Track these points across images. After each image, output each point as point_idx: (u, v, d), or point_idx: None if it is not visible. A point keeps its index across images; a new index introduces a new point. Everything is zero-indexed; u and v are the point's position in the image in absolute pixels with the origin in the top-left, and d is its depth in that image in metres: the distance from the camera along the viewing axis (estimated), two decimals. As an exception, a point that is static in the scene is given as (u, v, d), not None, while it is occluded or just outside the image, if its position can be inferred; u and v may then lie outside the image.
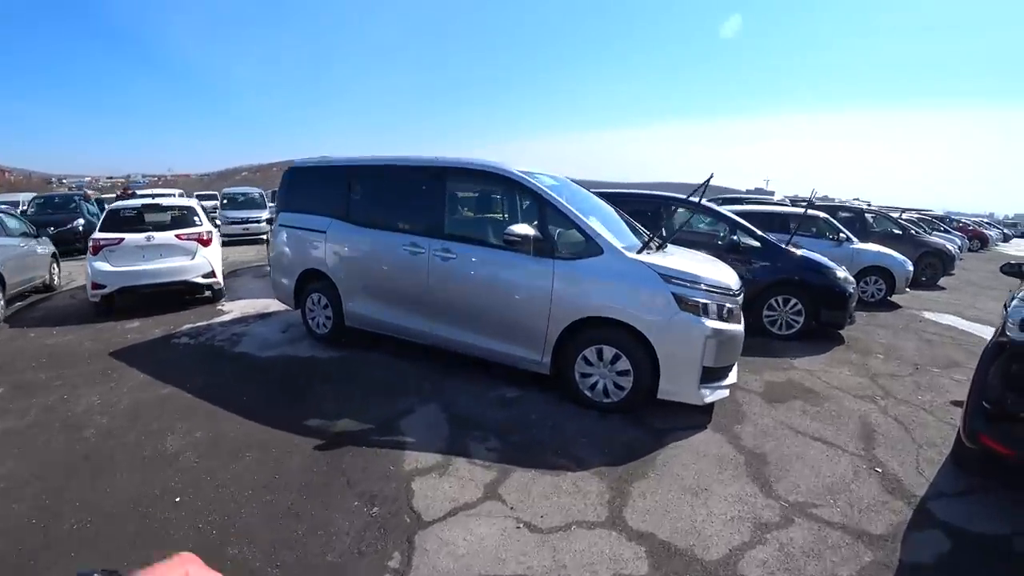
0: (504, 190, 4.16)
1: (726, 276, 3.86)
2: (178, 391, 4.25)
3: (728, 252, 5.85)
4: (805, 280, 5.70)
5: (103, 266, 6.38)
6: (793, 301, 5.75)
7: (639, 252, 3.79)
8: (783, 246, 5.96)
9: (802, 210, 7.37)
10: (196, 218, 7.12)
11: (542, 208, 3.94)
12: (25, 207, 12.94)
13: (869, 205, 15.95)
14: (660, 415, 3.73)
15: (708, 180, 4.26)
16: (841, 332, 6.21)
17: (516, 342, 4.07)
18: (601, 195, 5.31)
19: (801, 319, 5.74)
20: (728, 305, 3.58)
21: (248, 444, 3.39)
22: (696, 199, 4.48)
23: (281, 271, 5.64)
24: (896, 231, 11.34)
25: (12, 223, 7.45)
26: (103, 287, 6.38)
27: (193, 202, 7.43)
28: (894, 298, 8.45)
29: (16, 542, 2.48)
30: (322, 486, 2.95)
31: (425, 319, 4.52)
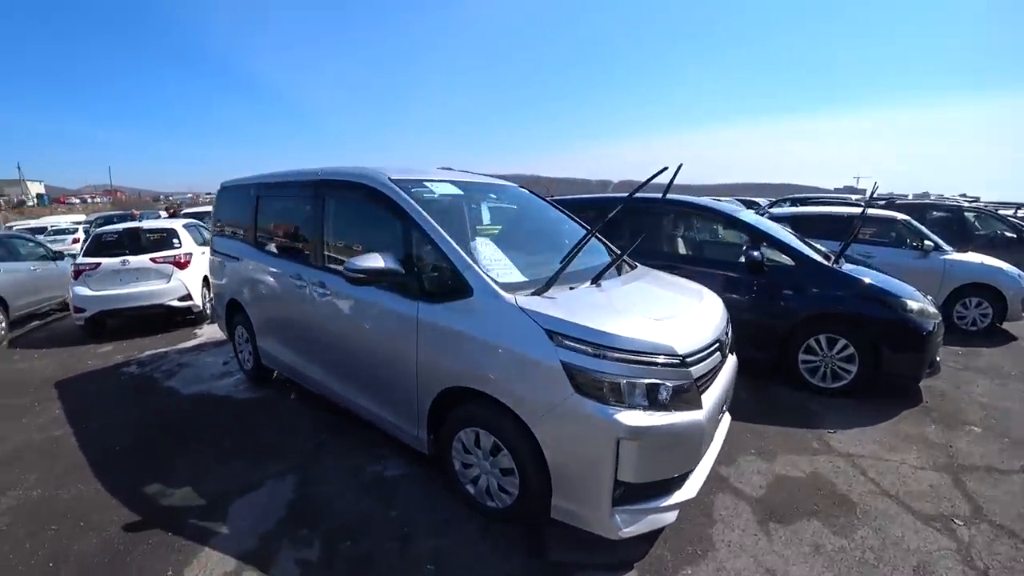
0: (377, 206, 3.13)
1: (681, 330, 2.42)
2: (70, 433, 4.00)
3: (749, 273, 4.33)
4: (860, 313, 3.98)
5: (83, 290, 6.44)
6: (842, 342, 4.05)
7: (534, 290, 2.53)
8: (828, 263, 4.28)
9: (865, 210, 5.39)
10: (175, 241, 6.97)
11: (408, 230, 2.88)
12: (90, 225, 14.20)
13: (976, 201, 12.13)
14: (570, 537, 2.46)
15: (677, 171, 3.04)
16: (918, 384, 4.31)
17: (391, 407, 3.09)
18: (559, 204, 4.12)
19: (854, 367, 4.03)
20: (669, 383, 2.19)
21: (67, 512, 2.98)
22: (642, 195, 3.17)
23: (216, 299, 5.16)
24: (1008, 234, 8.32)
25: (25, 248, 7.85)
26: (83, 311, 6.49)
27: (177, 224, 7.29)
28: (1006, 326, 6.13)
29: None
30: None
31: (319, 367, 3.69)
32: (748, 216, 4.87)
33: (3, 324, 6.75)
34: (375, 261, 2.69)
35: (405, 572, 2.39)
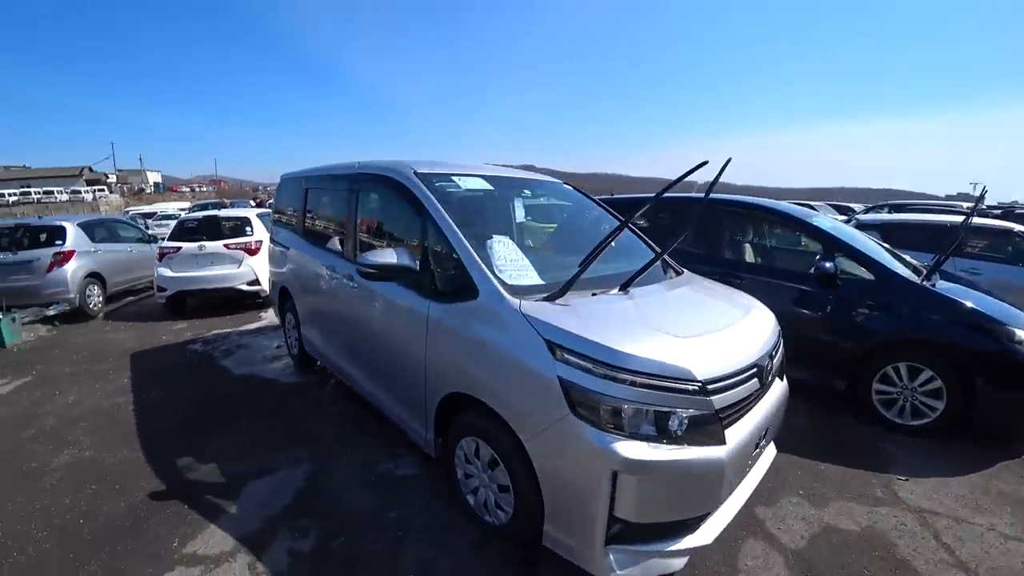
0: (401, 199, 3.05)
1: (707, 350, 2.08)
2: (130, 402, 4.34)
3: (820, 286, 3.83)
4: (952, 340, 3.35)
5: (165, 271, 7.03)
6: (926, 373, 3.45)
7: (546, 295, 2.30)
8: (917, 280, 3.68)
9: (969, 218, 4.54)
10: (248, 229, 7.41)
11: (425, 225, 2.77)
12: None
13: None
14: (566, 568, 2.17)
15: (724, 167, 2.66)
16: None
17: (405, 405, 3.02)
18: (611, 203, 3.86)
19: (940, 404, 3.42)
20: (683, 413, 1.89)
21: (108, 475, 3.21)
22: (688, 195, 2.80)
23: (272, 286, 5.40)
24: None
25: (125, 231, 8.71)
26: (164, 290, 7.10)
27: (251, 213, 7.76)
28: None
29: None
30: (104, 539, 2.61)
31: (347, 358, 3.72)
32: (822, 221, 4.29)
33: (101, 298, 7.56)
34: (388, 257, 2.61)
35: (390, 574, 2.30)
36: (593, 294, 2.44)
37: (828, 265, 3.73)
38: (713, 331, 2.23)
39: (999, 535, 2.59)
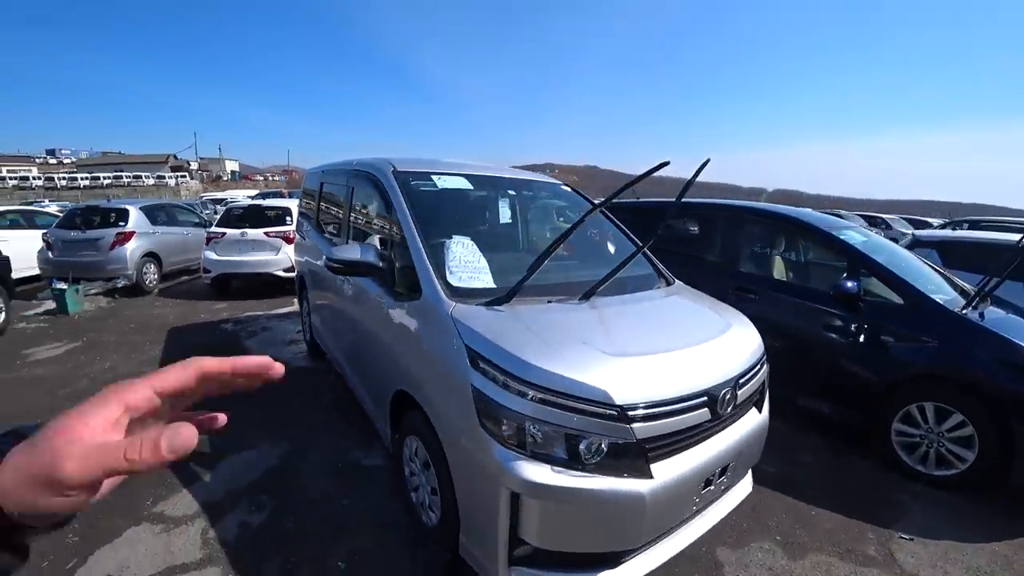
0: (379, 196, 3.04)
1: (641, 371, 1.86)
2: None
3: (841, 308, 3.46)
4: (989, 380, 2.89)
5: (211, 255, 7.53)
6: (957, 417, 3.01)
7: (493, 300, 2.19)
8: (955, 309, 3.23)
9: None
10: (288, 218, 7.77)
11: (394, 222, 2.75)
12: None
13: None
14: None
15: (701, 168, 2.37)
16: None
17: (371, 398, 3.04)
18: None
19: (970, 454, 2.96)
20: (598, 439, 1.71)
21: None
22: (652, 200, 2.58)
23: (297, 275, 5.63)
24: None
25: (183, 216, 9.41)
26: (209, 272, 7.59)
27: (292, 204, 8.12)
28: None
29: None
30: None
31: (337, 348, 3.80)
32: (850, 235, 3.87)
33: (156, 276, 8.23)
34: (352, 253, 2.60)
35: (319, 561, 2.32)
36: (549, 301, 2.32)
37: (850, 285, 3.35)
38: (657, 351, 2.02)
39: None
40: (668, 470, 1.83)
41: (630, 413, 1.76)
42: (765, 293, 3.93)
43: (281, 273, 7.46)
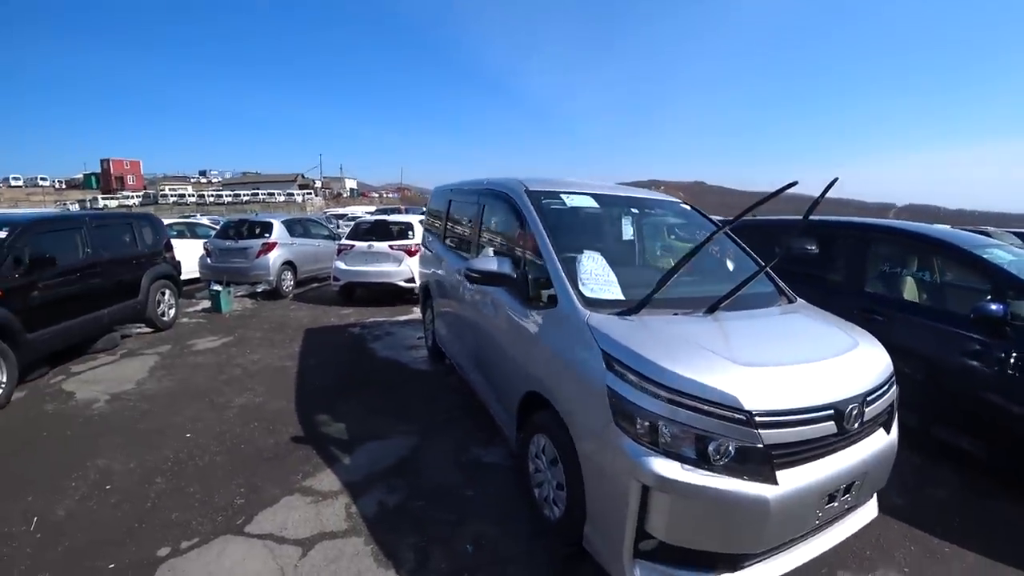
0: (511, 213, 3.32)
1: (769, 381, 1.95)
2: (295, 365, 5.42)
3: (983, 334, 3.21)
4: None
5: (340, 265, 8.40)
6: None
7: (623, 311, 2.37)
8: None
9: None
10: (410, 232, 8.43)
11: (526, 237, 3.03)
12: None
13: None
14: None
15: (829, 187, 2.42)
16: None
17: (499, 400, 3.32)
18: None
19: None
20: (727, 441, 1.83)
21: (267, 417, 4.06)
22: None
23: (420, 285, 6.14)
24: None
25: (316, 229, 10.53)
26: (338, 280, 8.46)
27: (414, 219, 8.83)
28: None
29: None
30: (252, 462, 3.36)
31: (463, 352, 4.16)
32: (996, 253, 3.56)
33: (292, 282, 9.31)
34: (490, 264, 2.92)
35: (448, 542, 2.59)
36: (675, 313, 2.46)
37: (994, 308, 3.09)
38: (785, 363, 2.09)
39: None
40: (793, 479, 1.89)
41: (758, 419, 1.86)
42: (894, 315, 3.73)
43: (402, 283, 8.13)
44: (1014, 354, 3.07)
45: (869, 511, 2.40)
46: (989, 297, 3.25)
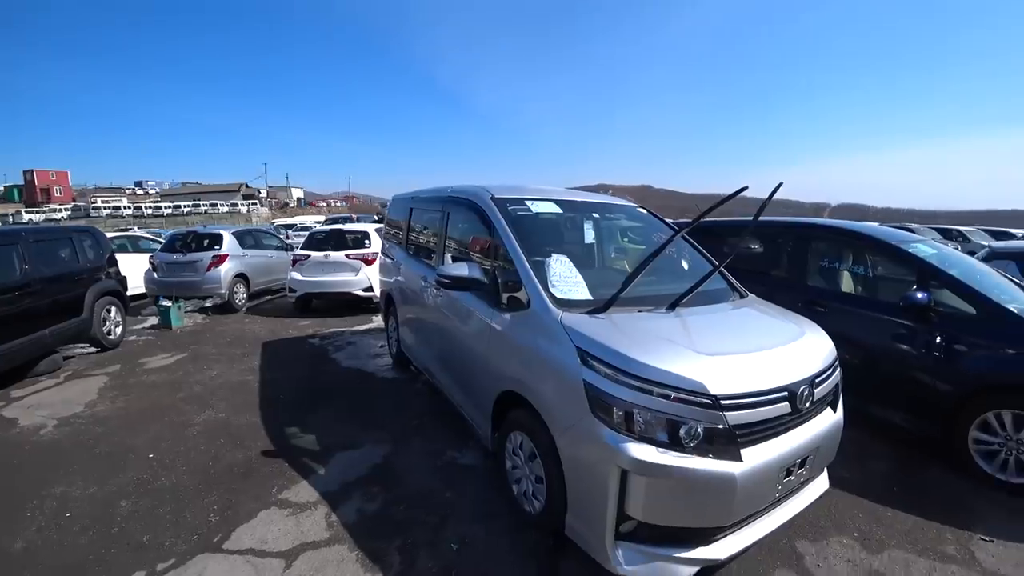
0: (479, 220, 3.42)
1: (729, 368, 2.15)
2: (256, 379, 5.26)
3: (913, 320, 3.57)
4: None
5: (296, 275, 8.25)
6: (1037, 426, 3.06)
7: (592, 310, 2.52)
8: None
9: None
10: (367, 241, 8.36)
11: (495, 243, 3.14)
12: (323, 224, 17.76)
13: None
14: (588, 561, 2.29)
15: (775, 191, 2.69)
16: None
17: (472, 401, 3.38)
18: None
19: (1055, 463, 3.01)
20: (696, 424, 2.00)
21: (232, 433, 3.97)
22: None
23: (381, 293, 6.15)
24: None
25: (267, 240, 10.25)
26: (295, 291, 8.30)
27: (370, 228, 8.77)
28: None
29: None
30: (223, 479, 3.29)
31: (432, 357, 4.20)
32: (920, 248, 3.96)
33: (245, 295, 9.01)
34: (460, 270, 3.01)
35: (433, 542, 2.64)
36: (639, 311, 2.62)
37: (920, 296, 3.46)
38: (743, 351, 2.30)
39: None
40: (755, 456, 2.08)
41: (723, 402, 2.04)
42: (833, 306, 4.07)
43: (360, 293, 8.05)
44: (938, 337, 3.44)
45: (821, 484, 2.64)
46: (915, 287, 3.61)
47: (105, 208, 56.17)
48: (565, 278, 2.83)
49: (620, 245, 4.81)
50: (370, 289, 8.03)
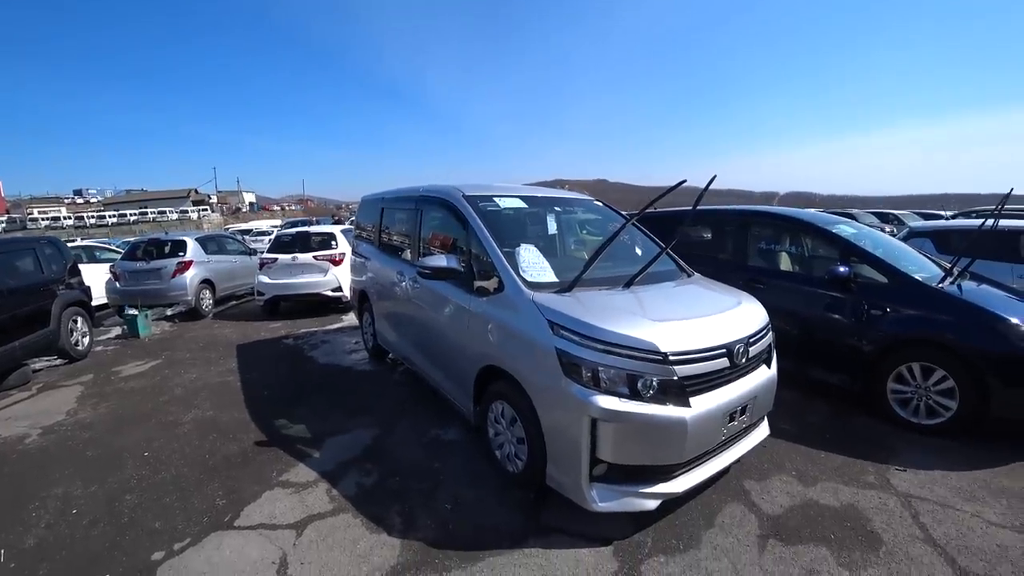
0: (452, 216, 3.73)
1: (677, 331, 2.55)
2: (237, 379, 5.39)
3: (837, 290, 4.09)
4: (960, 339, 3.50)
5: (264, 279, 8.29)
6: (939, 373, 3.60)
7: (560, 289, 2.89)
8: (930, 283, 3.84)
9: (989, 221, 4.53)
10: (334, 243, 8.50)
11: (469, 236, 3.45)
12: (279, 228, 17.55)
13: None
14: (568, 508, 2.68)
15: (709, 183, 3.09)
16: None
17: (453, 381, 3.68)
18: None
19: (953, 403, 3.55)
20: (651, 377, 2.39)
21: (223, 429, 4.13)
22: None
23: (352, 291, 6.35)
24: None
25: (230, 245, 10.22)
26: (263, 295, 8.33)
27: (336, 229, 8.88)
28: None
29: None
30: (222, 468, 3.47)
31: (411, 345, 4.45)
32: (841, 228, 4.52)
33: (211, 301, 8.98)
34: (440, 261, 3.32)
35: (428, 505, 2.94)
36: (600, 290, 2.99)
37: (842, 270, 3.99)
38: (688, 318, 2.73)
39: (983, 521, 2.74)
40: (702, 403, 2.50)
41: (672, 358, 2.44)
42: (772, 283, 4.57)
43: (330, 293, 8.17)
44: (857, 303, 3.98)
45: (762, 431, 3.09)
46: (838, 262, 4.14)
47: (43, 219, 53.09)
48: (534, 264, 3.18)
49: (579, 237, 5.21)
50: (339, 289, 8.16)
